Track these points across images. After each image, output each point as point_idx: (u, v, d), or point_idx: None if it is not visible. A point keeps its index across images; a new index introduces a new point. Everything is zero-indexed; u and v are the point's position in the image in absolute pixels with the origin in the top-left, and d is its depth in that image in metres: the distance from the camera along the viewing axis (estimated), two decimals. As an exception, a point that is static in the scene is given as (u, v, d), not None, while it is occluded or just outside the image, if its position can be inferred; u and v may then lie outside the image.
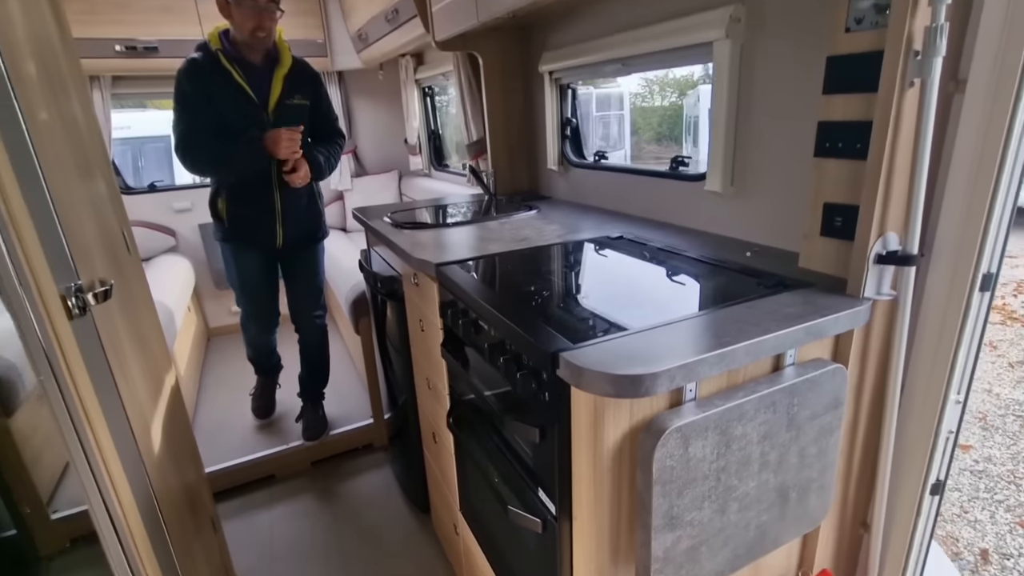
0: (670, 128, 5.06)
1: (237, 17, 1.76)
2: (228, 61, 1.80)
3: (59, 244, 0.91)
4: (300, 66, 1.98)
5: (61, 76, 1.14)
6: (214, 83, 1.80)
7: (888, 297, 0.96)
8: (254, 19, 1.75)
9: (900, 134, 0.88)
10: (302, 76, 1.97)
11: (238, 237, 2.05)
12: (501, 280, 1.25)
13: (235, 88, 1.83)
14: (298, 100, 1.95)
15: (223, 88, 1.81)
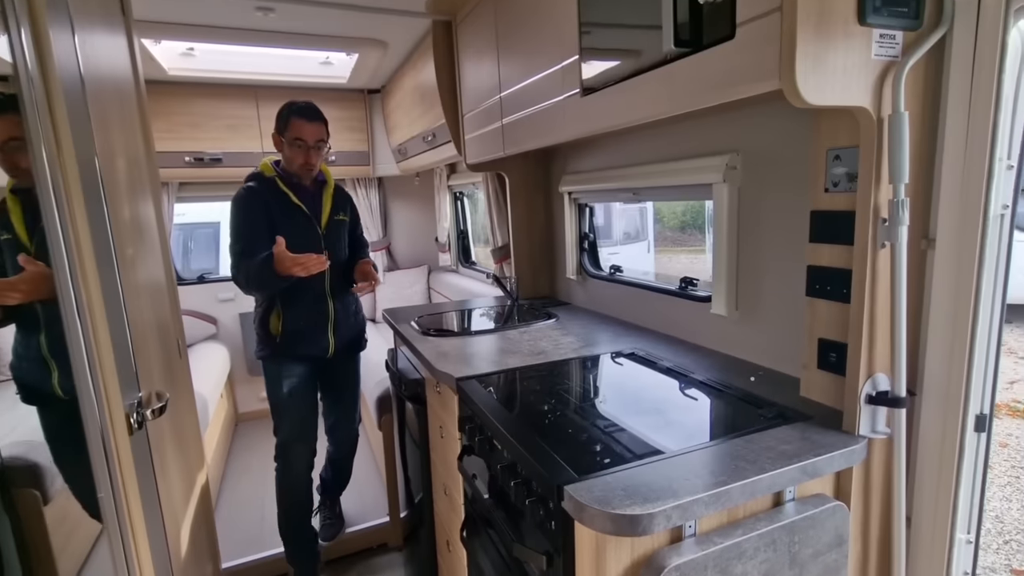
0: (693, 218, 5.23)
1: (288, 153, 1.93)
2: (284, 185, 1.97)
3: (128, 359, 1.04)
4: (339, 188, 2.17)
5: (143, 183, 1.34)
6: (272, 205, 1.93)
7: (883, 435, 1.01)
8: (303, 156, 1.93)
9: (878, 286, 0.97)
10: (342, 197, 2.16)
11: (289, 352, 2.03)
12: (516, 397, 1.33)
13: (293, 208, 1.97)
14: (342, 217, 2.12)
15: (281, 209, 1.95)
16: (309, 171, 1.97)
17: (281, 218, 1.92)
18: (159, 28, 2.25)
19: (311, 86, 3.38)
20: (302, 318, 2.02)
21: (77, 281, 0.84)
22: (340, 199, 2.13)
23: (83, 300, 0.85)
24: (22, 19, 0.77)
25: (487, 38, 1.93)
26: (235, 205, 1.93)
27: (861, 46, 0.86)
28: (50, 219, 0.81)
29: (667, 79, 1.09)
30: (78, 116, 0.92)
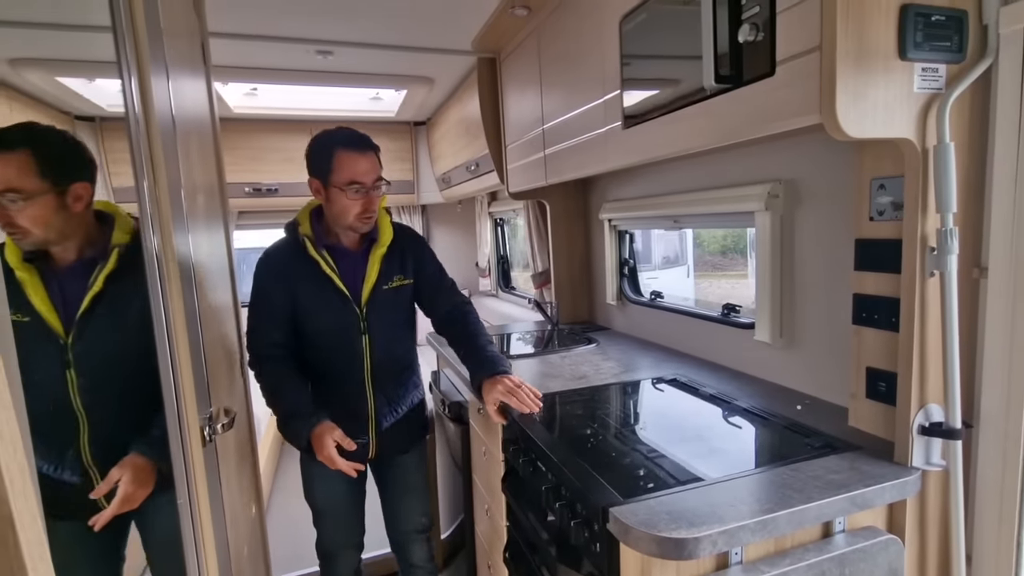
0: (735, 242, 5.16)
1: (339, 203, 1.40)
2: (315, 247, 1.45)
3: (202, 376, 1.12)
4: (400, 236, 1.56)
5: (216, 213, 1.46)
6: (294, 275, 1.45)
7: (938, 468, 0.98)
8: (363, 204, 1.41)
9: (928, 315, 0.96)
10: (401, 250, 1.55)
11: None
12: (560, 421, 1.35)
13: (321, 279, 1.45)
14: (397, 282, 1.54)
15: (306, 280, 1.45)
16: (368, 222, 1.45)
17: (306, 292, 1.45)
18: (230, 72, 2.45)
19: (362, 119, 3.56)
20: (333, 417, 1.47)
21: (168, 302, 0.93)
22: (399, 255, 1.54)
23: (171, 320, 0.94)
24: (132, 69, 0.88)
25: (531, 73, 2.02)
26: (254, 274, 1.51)
27: (903, 80, 0.88)
28: (148, 245, 0.91)
29: (708, 113, 1.13)
30: (170, 153, 1.03)
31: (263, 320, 1.49)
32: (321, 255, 1.46)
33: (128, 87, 0.89)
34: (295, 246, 1.48)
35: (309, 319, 1.48)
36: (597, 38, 1.52)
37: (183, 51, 1.26)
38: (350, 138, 1.42)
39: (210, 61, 1.56)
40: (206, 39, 1.52)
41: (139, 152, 0.90)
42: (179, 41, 1.23)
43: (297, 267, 1.46)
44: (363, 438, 1.56)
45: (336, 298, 1.47)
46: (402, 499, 1.71)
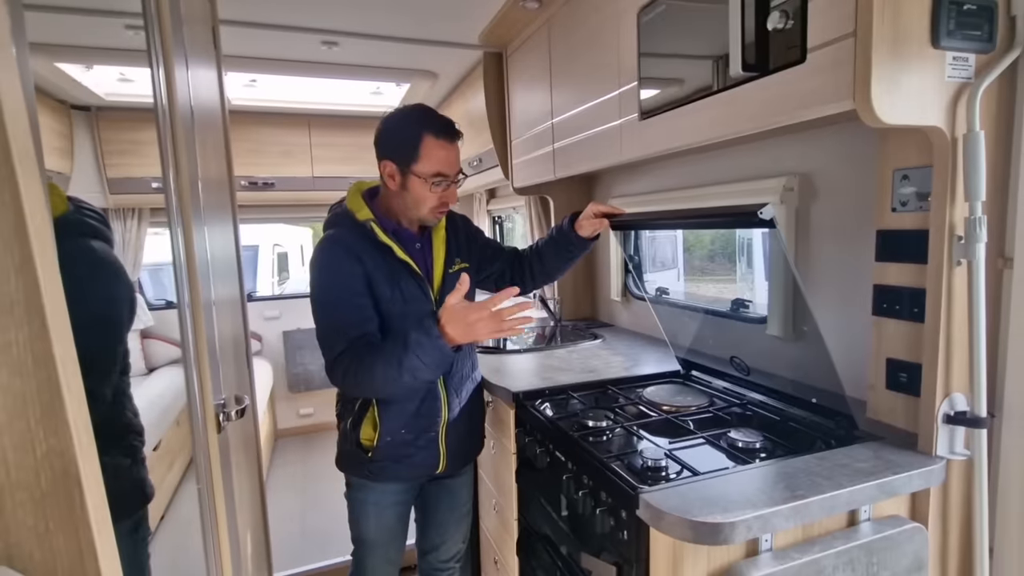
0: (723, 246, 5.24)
1: (417, 192, 1.26)
2: (384, 233, 1.29)
3: (216, 363, 1.10)
4: (450, 219, 1.46)
5: (225, 205, 1.43)
6: (369, 262, 1.27)
7: (962, 457, 0.99)
8: (440, 197, 1.28)
9: (954, 305, 0.96)
10: (454, 231, 1.45)
11: (386, 474, 1.37)
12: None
13: (398, 266, 1.30)
14: (459, 266, 1.41)
15: (382, 268, 1.28)
16: (442, 216, 1.35)
17: (382, 282, 1.28)
18: (232, 61, 2.40)
19: (361, 115, 3.53)
20: (405, 425, 1.34)
21: (195, 292, 0.90)
22: (454, 236, 1.44)
23: (194, 308, 0.92)
24: (159, 58, 0.85)
25: (539, 67, 2.01)
26: (320, 269, 1.28)
27: (935, 68, 0.88)
28: (174, 236, 0.89)
29: (732, 102, 1.13)
30: (189, 144, 1.00)
31: (347, 313, 1.24)
32: (393, 240, 1.29)
33: (156, 77, 0.87)
34: (358, 234, 1.29)
35: (387, 311, 1.28)
36: (613, 30, 1.52)
37: (198, 39, 1.23)
38: (441, 124, 1.26)
39: (220, 49, 1.53)
40: (217, 25, 1.50)
41: (166, 144, 0.88)
42: (196, 27, 1.20)
43: (368, 254, 1.27)
44: (433, 452, 1.38)
45: (413, 284, 1.31)
46: (448, 525, 1.55)
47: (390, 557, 1.47)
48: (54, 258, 0.35)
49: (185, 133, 0.96)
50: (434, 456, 1.38)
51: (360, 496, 1.41)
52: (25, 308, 0.33)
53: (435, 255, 1.37)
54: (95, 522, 0.35)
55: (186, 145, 0.96)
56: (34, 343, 0.34)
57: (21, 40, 0.79)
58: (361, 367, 1.19)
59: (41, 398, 0.33)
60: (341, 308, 1.24)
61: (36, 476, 0.33)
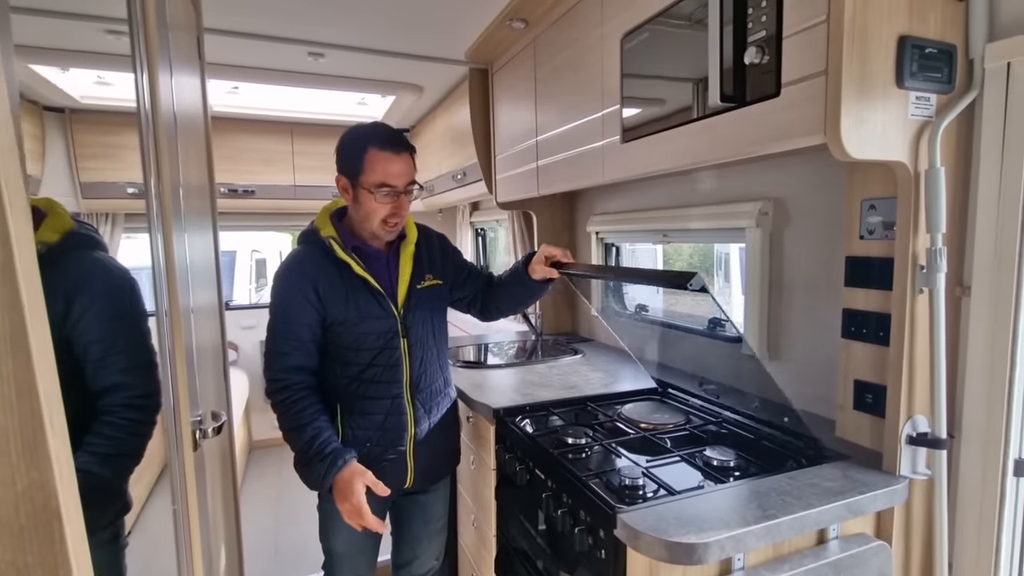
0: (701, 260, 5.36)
1: (366, 205, 1.29)
2: (344, 249, 1.32)
3: (194, 377, 1.08)
4: (424, 235, 1.48)
5: (205, 213, 1.42)
6: (324, 281, 1.31)
7: (924, 476, 1.03)
8: (391, 208, 1.30)
9: (916, 330, 1.01)
10: (428, 247, 1.47)
11: None
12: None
13: (355, 282, 1.32)
14: (429, 282, 1.42)
15: (338, 285, 1.31)
16: (393, 229, 1.34)
17: (338, 301, 1.31)
18: (217, 69, 2.39)
19: (345, 124, 3.52)
20: (371, 439, 1.35)
21: (174, 300, 0.89)
22: (426, 254, 1.45)
23: (173, 318, 0.91)
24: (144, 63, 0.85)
25: (525, 85, 2.05)
26: (273, 289, 1.35)
27: (899, 106, 0.93)
28: (154, 243, 0.88)
29: (710, 130, 1.17)
30: (172, 150, 1.00)
31: (283, 341, 1.31)
32: (351, 256, 1.32)
33: (140, 82, 0.86)
34: (318, 252, 1.34)
35: (344, 330, 1.32)
36: (597, 54, 1.56)
37: (182, 46, 1.23)
38: (385, 136, 1.30)
39: (204, 57, 1.53)
40: (201, 34, 1.49)
41: (149, 149, 0.87)
42: (180, 34, 1.20)
43: (324, 275, 1.31)
44: (400, 462, 1.39)
45: (372, 302, 1.33)
46: (421, 540, 1.54)
47: (359, 571, 1.46)
48: (40, 292, 0.35)
49: (168, 139, 0.95)
50: (402, 471, 1.39)
51: (330, 508, 1.38)
52: (10, 342, 0.33)
53: (401, 270, 1.39)
54: (74, 556, 0.35)
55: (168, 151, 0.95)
56: (18, 376, 0.33)
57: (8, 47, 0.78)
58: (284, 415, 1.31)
59: (23, 432, 0.33)
60: (278, 336, 1.31)
61: (16, 510, 0.33)
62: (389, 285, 1.37)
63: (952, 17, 0.96)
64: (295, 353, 1.31)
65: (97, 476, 1.12)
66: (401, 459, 1.38)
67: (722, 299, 4.20)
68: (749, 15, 1.04)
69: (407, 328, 1.37)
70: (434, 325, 1.44)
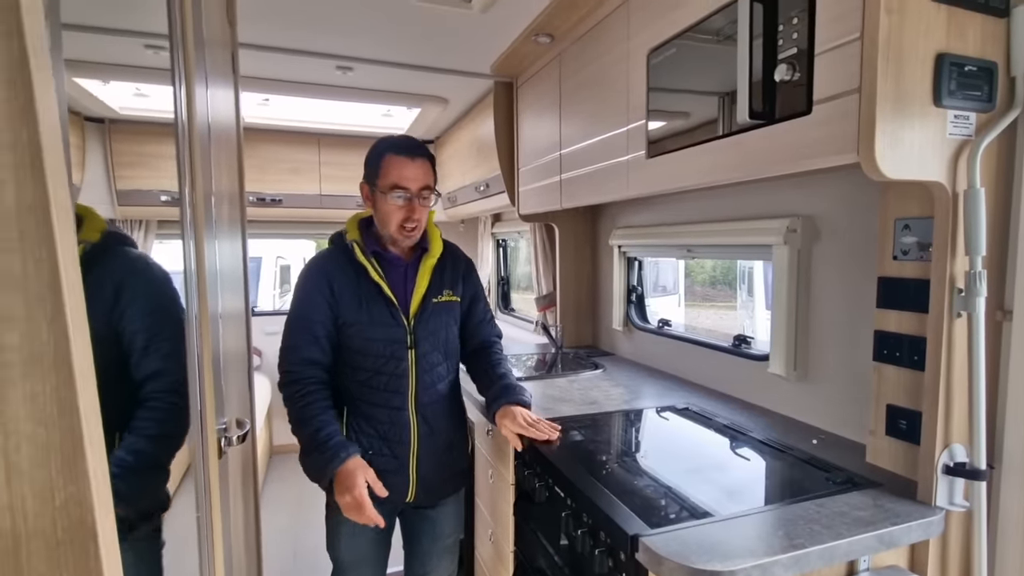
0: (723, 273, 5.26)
1: (383, 208, 1.34)
2: (363, 253, 1.36)
3: (220, 384, 1.10)
4: (451, 252, 1.50)
5: (235, 221, 1.45)
6: (340, 282, 1.35)
7: (961, 508, 0.99)
8: (405, 211, 1.33)
9: (954, 355, 0.97)
10: (453, 266, 1.48)
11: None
12: (576, 446, 1.34)
13: (369, 287, 1.36)
14: (447, 297, 1.44)
15: (351, 289, 1.35)
16: (411, 234, 1.36)
17: (350, 303, 1.34)
18: (249, 82, 2.46)
19: (371, 135, 3.58)
20: (372, 445, 1.37)
21: (204, 306, 0.91)
22: (449, 270, 1.46)
23: (202, 324, 0.92)
24: (182, 77, 0.88)
25: (549, 99, 2.06)
26: (296, 287, 1.40)
27: (936, 125, 0.91)
28: (187, 249, 0.90)
29: (737, 147, 1.15)
30: (205, 161, 1.03)
31: (300, 335, 1.35)
32: (369, 261, 1.36)
33: (179, 96, 0.89)
34: (341, 254, 1.40)
35: (354, 332, 1.35)
36: (623, 69, 1.56)
37: (218, 61, 1.27)
38: (402, 143, 1.37)
39: (239, 71, 1.57)
40: (236, 50, 1.53)
41: (184, 159, 0.90)
42: (216, 50, 1.24)
43: (342, 275, 1.36)
44: (402, 474, 1.38)
45: (384, 308, 1.36)
46: (431, 556, 1.52)
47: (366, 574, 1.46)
48: (83, 309, 0.37)
49: (202, 150, 0.98)
50: (404, 483, 1.38)
51: (336, 517, 1.39)
52: (53, 359, 0.34)
53: (418, 281, 1.40)
54: (107, 572, 0.35)
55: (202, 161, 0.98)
56: (60, 394, 0.35)
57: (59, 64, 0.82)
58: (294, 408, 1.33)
59: (63, 448, 0.34)
60: (296, 331, 1.35)
61: (53, 525, 0.34)
62: (403, 295, 1.39)
63: (992, 33, 0.93)
64: (309, 348, 1.34)
65: (147, 455, 1.18)
66: (402, 471, 1.38)
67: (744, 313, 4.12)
68: (780, 31, 1.03)
69: (416, 340, 1.37)
70: (447, 341, 1.44)
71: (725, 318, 5.20)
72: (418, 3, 1.71)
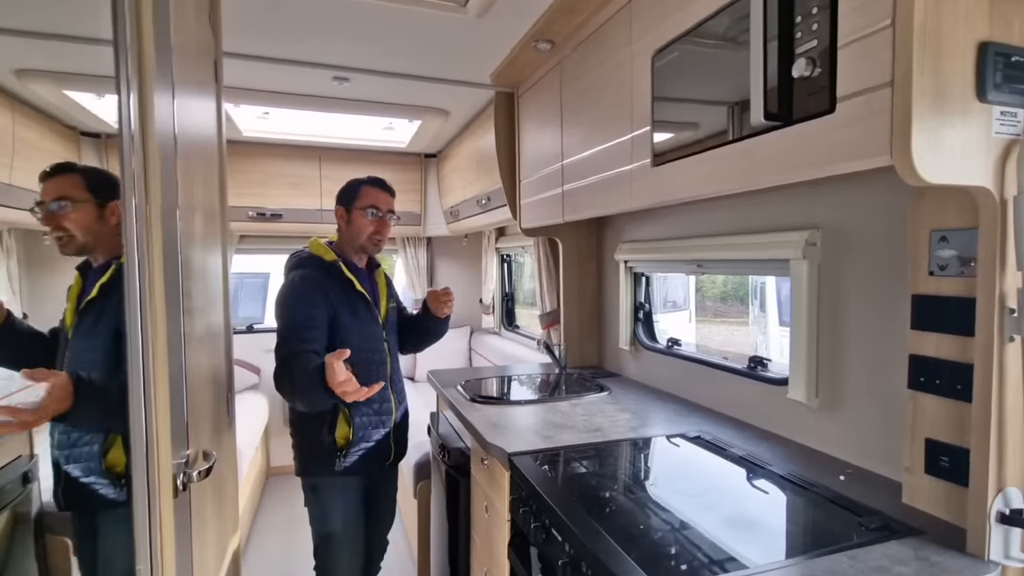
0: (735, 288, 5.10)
1: (357, 223, 1.69)
2: (349, 270, 1.67)
3: (181, 414, 1.00)
4: (386, 275, 1.88)
5: (215, 235, 1.37)
6: (334, 295, 1.61)
7: (1020, 564, 0.85)
8: (376, 225, 1.70)
9: (1007, 385, 0.85)
10: (388, 281, 1.87)
11: (355, 467, 1.65)
12: (576, 480, 1.22)
13: (356, 297, 1.67)
14: (392, 303, 1.85)
15: (344, 299, 1.63)
16: (378, 244, 1.72)
17: (343, 310, 1.63)
18: (243, 94, 2.40)
19: (372, 149, 3.53)
20: (370, 422, 1.68)
21: (147, 328, 0.82)
22: (389, 283, 1.88)
23: (149, 350, 0.83)
24: (132, 84, 0.80)
25: (550, 108, 1.97)
26: (288, 296, 1.60)
27: (980, 123, 0.80)
28: (130, 268, 0.81)
29: (750, 152, 1.05)
30: (168, 172, 0.94)
31: (301, 328, 1.55)
32: (355, 276, 1.67)
33: (125, 102, 0.81)
34: (323, 272, 1.65)
35: (347, 334, 1.61)
36: (626, 73, 1.46)
37: (194, 68, 1.19)
38: (375, 180, 1.76)
39: (222, 80, 1.50)
40: (219, 57, 1.46)
41: (129, 170, 0.81)
42: (191, 58, 1.16)
43: (332, 288, 1.63)
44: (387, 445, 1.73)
45: (368, 313, 1.70)
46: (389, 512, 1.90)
47: (356, 548, 1.72)
48: None
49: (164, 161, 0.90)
50: (388, 447, 1.74)
51: (329, 494, 1.67)
52: None
53: (380, 290, 1.81)
54: None
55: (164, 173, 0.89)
56: None
57: None
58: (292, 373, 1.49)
59: None
60: (304, 336, 1.55)
61: None
62: (375, 299, 1.76)
63: (1041, 21, 0.83)
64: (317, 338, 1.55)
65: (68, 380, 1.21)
66: (387, 438, 1.72)
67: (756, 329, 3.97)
68: (797, 23, 0.93)
69: (387, 334, 1.77)
70: (398, 336, 1.87)
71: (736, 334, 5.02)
72: (412, 8, 1.64)
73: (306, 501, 1.71)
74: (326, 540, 1.68)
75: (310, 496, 1.70)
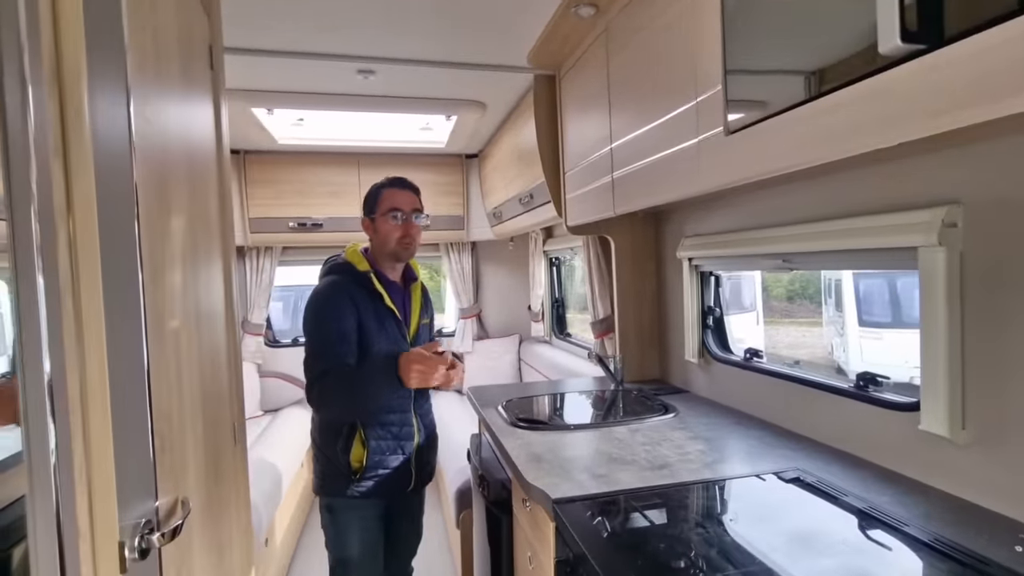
0: (803, 287, 4.54)
1: (383, 230, 1.56)
2: (380, 282, 1.56)
3: (144, 460, 0.81)
4: (424, 290, 1.76)
5: (210, 247, 1.21)
6: (362, 308, 1.52)
7: None
8: (401, 228, 1.56)
9: None
10: (425, 294, 1.75)
11: (372, 492, 1.55)
12: (638, 541, 0.95)
13: (384, 313, 1.56)
14: (426, 320, 1.72)
15: (371, 314, 1.53)
16: (408, 247, 1.58)
17: (370, 323, 1.52)
18: (269, 97, 2.29)
19: (410, 151, 3.38)
20: (388, 445, 1.57)
21: (61, 363, 0.63)
22: (425, 298, 1.74)
23: (66, 392, 0.64)
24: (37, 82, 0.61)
25: (596, 86, 1.71)
26: (318, 305, 1.52)
27: None
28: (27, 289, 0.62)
29: (877, 95, 0.75)
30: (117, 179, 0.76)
31: (337, 343, 1.48)
32: (386, 290, 1.57)
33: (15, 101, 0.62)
34: (351, 282, 1.56)
35: (370, 348, 1.53)
36: (688, 25, 1.19)
37: (173, 63, 1.02)
38: (391, 179, 1.63)
39: (221, 70, 1.34)
40: (216, 44, 1.30)
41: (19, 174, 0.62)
42: (167, 50, 0.99)
43: (360, 296, 1.54)
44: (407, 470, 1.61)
45: (395, 329, 1.59)
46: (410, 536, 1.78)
47: (378, 569, 1.62)
48: None
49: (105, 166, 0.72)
50: (407, 474, 1.61)
51: (345, 517, 1.57)
52: None
53: (413, 307, 1.67)
54: None
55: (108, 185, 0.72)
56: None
57: None
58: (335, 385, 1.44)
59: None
60: (337, 352, 1.48)
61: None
62: (405, 316, 1.64)
63: None
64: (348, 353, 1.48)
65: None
66: (406, 464, 1.61)
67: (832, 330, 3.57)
68: None
69: None
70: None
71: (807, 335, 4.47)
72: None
73: (323, 522, 1.61)
74: (342, 565, 1.58)
75: (326, 516, 1.60)
